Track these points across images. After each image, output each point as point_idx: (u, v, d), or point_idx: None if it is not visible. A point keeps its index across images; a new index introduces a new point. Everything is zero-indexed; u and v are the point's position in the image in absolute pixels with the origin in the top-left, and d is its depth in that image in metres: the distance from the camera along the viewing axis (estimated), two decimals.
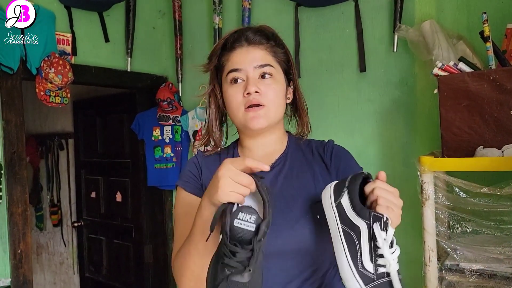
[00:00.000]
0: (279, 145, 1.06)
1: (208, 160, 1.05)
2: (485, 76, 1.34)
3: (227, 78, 0.99)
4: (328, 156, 1.03)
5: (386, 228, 0.74)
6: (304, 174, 1.01)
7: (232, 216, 0.74)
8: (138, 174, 2.85)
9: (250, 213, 0.75)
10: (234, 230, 0.74)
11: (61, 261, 3.92)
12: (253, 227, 0.74)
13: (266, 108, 0.96)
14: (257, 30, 1.00)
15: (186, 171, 1.04)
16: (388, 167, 1.94)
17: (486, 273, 1.31)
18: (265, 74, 0.97)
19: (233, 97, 0.98)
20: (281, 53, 1.01)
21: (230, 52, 0.99)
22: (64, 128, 3.81)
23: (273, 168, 1.01)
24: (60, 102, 2.13)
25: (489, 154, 1.30)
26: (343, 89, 2.06)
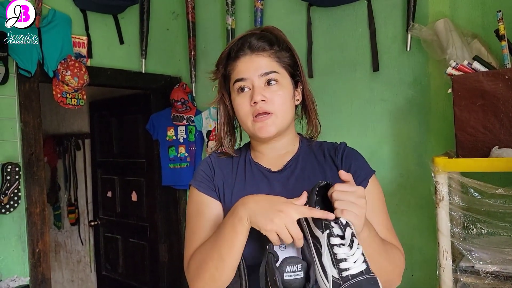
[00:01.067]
0: (290, 147, 1.06)
1: (221, 161, 1.07)
2: (500, 76, 1.32)
3: (234, 87, 1.00)
4: (339, 158, 1.03)
5: (344, 231, 0.76)
6: (315, 176, 1.01)
7: (281, 271, 0.77)
8: (153, 173, 2.88)
9: (296, 262, 0.78)
10: (286, 283, 0.77)
11: (78, 259, 3.99)
12: (302, 274, 0.78)
13: (273, 116, 0.97)
14: (260, 36, 0.99)
15: (200, 171, 1.05)
16: (401, 167, 1.93)
17: (502, 275, 1.30)
18: (271, 81, 0.97)
19: (240, 106, 0.99)
20: (286, 57, 1.01)
21: (234, 62, 1.00)
22: (80, 128, 3.88)
23: (284, 170, 1.03)
24: (76, 104, 2.17)
25: (504, 155, 1.28)
26: (356, 88, 2.06)
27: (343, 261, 0.75)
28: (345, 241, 0.76)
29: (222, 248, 0.86)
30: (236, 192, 1.01)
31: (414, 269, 1.89)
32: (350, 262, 0.75)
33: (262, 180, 1.02)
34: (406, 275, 1.91)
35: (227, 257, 0.85)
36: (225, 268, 0.87)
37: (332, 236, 0.76)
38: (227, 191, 1.01)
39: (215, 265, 0.87)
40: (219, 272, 0.87)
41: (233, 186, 1.02)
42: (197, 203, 1.01)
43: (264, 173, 1.03)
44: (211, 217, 0.99)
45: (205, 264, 0.88)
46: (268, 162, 1.04)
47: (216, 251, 0.87)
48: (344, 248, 0.76)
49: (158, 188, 2.84)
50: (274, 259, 0.79)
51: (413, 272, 1.90)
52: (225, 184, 1.02)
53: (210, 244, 0.89)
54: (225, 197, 1.01)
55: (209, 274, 0.88)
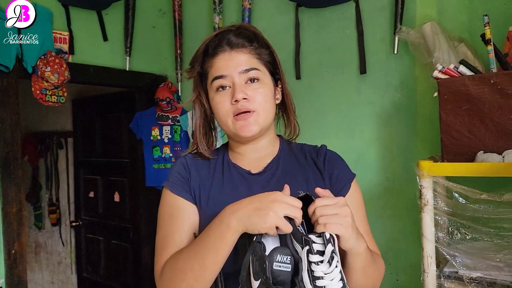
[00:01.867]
0: (270, 148, 1.03)
1: (197, 162, 1.01)
2: (486, 80, 1.31)
3: (212, 85, 0.96)
4: (321, 161, 1.01)
5: (325, 247, 0.74)
6: (297, 178, 0.99)
7: (271, 260, 0.74)
8: (136, 174, 2.83)
9: (286, 254, 0.75)
10: (274, 274, 0.73)
11: (59, 260, 3.91)
12: (289, 268, 0.75)
13: (255, 114, 0.94)
14: (239, 33, 0.96)
15: (174, 172, 0.99)
16: (388, 170, 1.91)
17: (486, 281, 1.28)
18: (252, 79, 0.94)
19: (220, 105, 0.95)
20: (265, 54, 0.98)
21: (212, 58, 0.96)
22: (63, 127, 3.80)
23: (265, 172, 0.99)
24: (56, 101, 2.11)
25: (489, 160, 1.27)
26: (343, 90, 2.04)
27: (320, 279, 0.73)
28: (324, 257, 0.73)
29: (205, 258, 0.80)
30: (213, 195, 0.96)
31: (399, 273, 1.88)
32: (327, 280, 0.73)
33: (241, 183, 0.98)
34: (391, 279, 1.89)
35: (210, 268, 0.81)
36: (206, 279, 0.82)
37: (311, 253, 0.74)
38: (203, 194, 0.96)
39: (195, 276, 0.81)
40: (199, 283, 0.82)
41: (210, 188, 0.97)
42: (171, 206, 0.95)
43: (243, 175, 0.99)
44: (186, 221, 0.93)
45: (183, 274, 0.82)
46: (247, 164, 1.01)
47: (197, 261, 0.81)
48: (322, 266, 0.73)
49: (142, 189, 2.79)
50: (263, 248, 0.76)
51: (398, 277, 1.88)
52: (201, 186, 0.97)
53: (190, 253, 0.84)
54: (201, 201, 0.96)
55: (187, 285, 0.82)
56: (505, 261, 1.25)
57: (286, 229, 0.76)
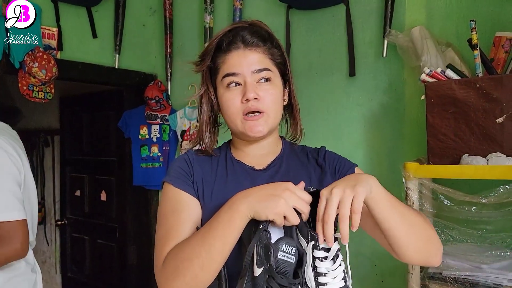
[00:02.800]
0: (274, 147, 1.04)
1: (199, 158, 1.01)
2: (472, 84, 1.33)
3: (223, 81, 0.95)
4: (322, 158, 1.03)
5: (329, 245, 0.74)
6: (300, 175, 0.99)
7: (276, 248, 0.73)
8: (123, 173, 2.81)
9: (292, 245, 0.74)
10: (278, 262, 0.73)
11: (43, 260, 3.86)
12: (293, 259, 0.74)
13: (265, 115, 0.94)
14: (254, 31, 0.95)
15: (176, 167, 0.98)
16: (375, 172, 1.93)
17: (468, 281, 1.30)
18: (264, 79, 0.94)
19: (230, 102, 0.94)
20: (278, 55, 0.98)
21: (225, 54, 0.95)
22: (50, 124, 3.76)
23: (269, 168, 1.00)
24: (43, 98, 2.09)
25: (474, 162, 1.29)
26: (332, 93, 2.05)
27: (322, 275, 0.73)
28: (329, 254, 0.73)
29: (213, 245, 0.79)
30: (217, 190, 0.96)
31: (384, 275, 1.89)
32: (329, 277, 0.73)
33: (246, 178, 0.98)
34: (377, 280, 1.91)
35: (216, 256, 0.79)
36: (211, 267, 0.80)
37: (316, 249, 0.74)
38: (206, 189, 0.96)
39: (201, 263, 0.79)
40: (204, 272, 0.80)
41: (213, 184, 0.96)
42: (173, 200, 0.94)
43: (247, 171, 0.99)
44: (189, 215, 0.92)
45: (188, 262, 0.80)
46: (251, 160, 1.01)
47: (204, 248, 0.80)
48: (326, 263, 0.73)
49: (129, 188, 2.77)
50: (269, 236, 0.76)
51: (383, 278, 1.90)
52: (204, 181, 0.96)
53: (197, 241, 0.82)
54: (204, 195, 0.95)
55: (192, 273, 0.80)
56: (487, 262, 1.27)
57: (293, 219, 0.76)
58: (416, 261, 0.89)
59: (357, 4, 1.96)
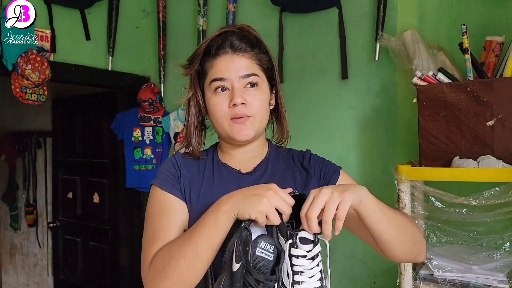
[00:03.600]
0: (260, 150, 1.05)
1: (187, 161, 1.02)
2: (462, 87, 1.35)
3: (211, 86, 0.96)
4: (307, 161, 1.04)
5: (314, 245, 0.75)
6: (285, 179, 1.01)
7: (255, 245, 0.75)
8: (116, 175, 2.80)
9: (270, 242, 0.76)
10: (255, 259, 0.74)
11: (35, 262, 3.83)
12: (271, 257, 0.75)
13: (252, 119, 0.95)
14: (242, 36, 0.97)
15: (163, 170, 0.99)
16: (367, 174, 1.94)
17: (460, 282, 1.32)
18: (251, 84, 0.95)
19: (218, 107, 0.95)
20: (266, 60, 0.99)
21: (213, 59, 0.96)
22: (42, 126, 3.73)
23: (255, 172, 1.01)
24: (36, 100, 2.08)
25: (464, 165, 1.30)
26: (325, 95, 2.06)
27: (299, 274, 0.74)
28: (308, 254, 0.74)
29: (199, 244, 0.81)
30: (204, 193, 0.97)
31: (376, 276, 1.91)
32: (305, 276, 0.74)
33: (232, 181, 0.99)
34: (369, 282, 1.92)
35: (203, 255, 0.81)
36: (198, 267, 0.82)
37: (293, 247, 0.75)
38: (193, 193, 0.97)
39: (188, 263, 0.81)
40: (191, 272, 0.82)
41: (200, 187, 0.98)
42: (161, 203, 0.95)
43: (233, 174, 1.01)
44: (176, 217, 0.93)
45: (175, 262, 0.82)
46: (237, 164, 1.02)
47: (191, 247, 0.81)
48: (303, 261, 0.74)
49: (122, 190, 2.76)
50: (250, 234, 0.77)
51: (376, 280, 1.91)
52: (191, 184, 0.98)
53: (184, 241, 0.84)
54: (191, 199, 0.96)
55: (179, 273, 0.81)
56: (478, 263, 1.29)
57: (274, 219, 0.77)
58: (403, 260, 0.95)
59: (350, 7, 1.97)
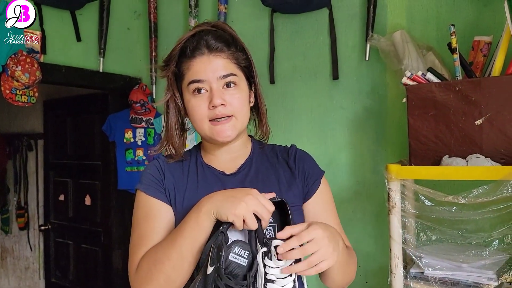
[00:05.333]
0: (243, 149, 1.05)
1: (170, 165, 1.02)
2: (451, 87, 1.36)
3: (189, 88, 0.95)
4: (292, 160, 1.04)
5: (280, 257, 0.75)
6: (269, 178, 1.01)
7: (228, 249, 0.76)
8: (108, 177, 2.79)
9: (245, 248, 0.77)
10: (228, 263, 0.75)
11: (26, 265, 3.79)
12: (245, 263, 0.77)
13: (233, 119, 0.95)
14: (217, 36, 0.95)
15: (147, 175, 0.99)
16: (358, 174, 1.95)
17: (450, 280, 1.33)
18: (229, 84, 0.95)
19: (197, 108, 0.94)
20: (242, 59, 0.99)
21: (190, 60, 0.95)
22: (33, 128, 3.71)
23: (239, 172, 1.01)
24: (27, 101, 2.07)
25: (454, 164, 1.31)
26: (316, 96, 2.07)
27: (271, 282, 0.75)
28: (282, 263, 0.75)
29: (183, 245, 0.82)
30: (188, 196, 0.97)
31: (368, 276, 1.91)
32: (278, 285, 0.75)
33: (216, 183, 0.99)
34: (361, 282, 1.93)
35: (187, 255, 0.82)
36: (183, 268, 0.83)
37: (267, 256, 0.76)
38: (178, 196, 0.97)
39: (173, 265, 0.82)
40: (176, 273, 0.83)
41: (184, 190, 0.98)
42: (146, 208, 0.96)
43: (218, 176, 1.01)
44: (162, 221, 0.94)
45: (161, 264, 0.83)
46: (221, 164, 1.02)
47: (175, 249, 0.83)
48: (276, 270, 0.75)
49: (114, 192, 2.75)
50: (225, 239, 0.79)
51: (367, 279, 1.92)
52: (176, 188, 0.98)
53: (168, 243, 0.85)
54: (176, 202, 0.96)
55: (165, 275, 0.83)
56: (467, 261, 1.30)
57: (251, 224, 0.78)
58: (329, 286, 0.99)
59: (340, 8, 1.98)
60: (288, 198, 0.92)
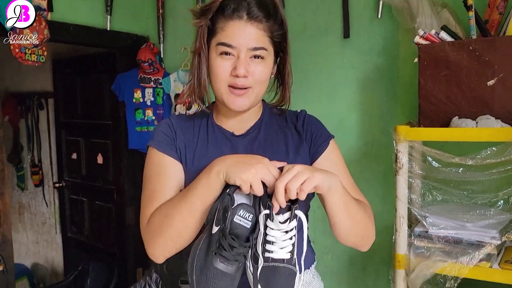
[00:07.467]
0: (254, 112, 1.06)
1: (182, 123, 1.04)
2: (465, 46, 1.33)
3: (217, 48, 0.94)
4: (300, 124, 1.05)
5: (289, 219, 0.79)
6: (278, 142, 1.03)
7: (233, 212, 0.79)
8: (119, 136, 2.82)
9: (249, 211, 0.80)
10: (233, 225, 0.79)
11: (43, 221, 3.93)
12: (249, 225, 0.80)
13: (251, 90, 0.95)
14: (261, 4, 0.92)
15: (159, 132, 1.01)
16: (367, 135, 1.95)
17: (453, 239, 1.36)
18: (257, 56, 0.94)
19: (219, 69, 0.94)
20: (278, 34, 0.96)
21: (226, 20, 0.93)
22: (44, 87, 3.72)
23: (248, 134, 1.03)
24: (36, 60, 2.06)
25: (463, 125, 1.30)
26: (326, 54, 2.04)
27: (270, 243, 0.79)
28: (283, 226, 0.78)
29: (193, 202, 0.85)
30: (198, 155, 0.99)
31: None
32: (276, 246, 0.78)
33: (225, 144, 1.01)
34: None
35: (197, 212, 0.85)
36: (192, 224, 0.86)
37: (269, 218, 0.79)
38: (189, 154, 0.99)
39: (183, 220, 0.86)
40: (186, 228, 0.87)
41: (195, 149, 1.00)
42: (158, 164, 0.98)
43: (227, 137, 1.02)
44: (173, 178, 0.96)
45: (171, 219, 0.87)
46: (231, 125, 1.04)
47: (186, 205, 0.86)
48: (277, 232, 0.78)
49: (125, 151, 2.79)
50: (231, 201, 0.81)
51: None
52: (187, 146, 1.00)
53: (179, 200, 0.88)
54: (186, 160, 0.99)
55: (175, 229, 0.87)
56: (472, 220, 1.32)
57: (257, 189, 0.80)
58: (348, 245, 1.01)
59: None
60: (296, 162, 0.93)
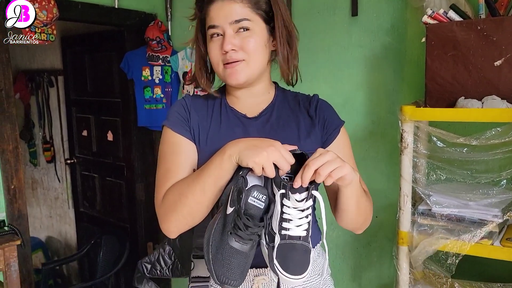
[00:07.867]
0: (266, 95, 1.08)
1: (196, 104, 1.06)
2: (472, 26, 1.32)
3: (208, 32, 0.99)
4: (313, 109, 1.07)
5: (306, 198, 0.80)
6: (290, 125, 1.04)
7: (248, 193, 0.82)
8: (128, 114, 2.86)
9: (263, 193, 0.83)
10: (247, 206, 0.82)
11: (56, 196, 4.03)
12: (262, 206, 0.83)
13: (244, 63, 0.97)
14: None
15: (174, 112, 1.04)
16: (374, 114, 1.96)
17: (456, 217, 1.39)
18: (242, 29, 0.96)
19: (212, 53, 0.99)
20: (262, 3, 0.97)
21: (208, 6, 0.98)
22: (53, 65, 3.75)
23: (260, 117, 1.05)
24: (46, 39, 2.08)
25: (469, 105, 1.32)
26: (334, 33, 2.03)
27: (287, 221, 0.81)
28: (299, 205, 0.80)
29: (206, 182, 0.88)
30: (211, 135, 1.01)
31: (378, 211, 1.98)
32: (292, 224, 0.81)
33: (238, 125, 1.03)
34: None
35: (209, 192, 0.89)
36: (204, 203, 0.90)
37: (285, 197, 0.81)
38: (202, 134, 1.02)
39: (196, 199, 0.89)
40: (198, 207, 0.90)
41: (208, 129, 1.02)
42: (172, 144, 1.01)
43: (239, 119, 1.04)
44: (187, 157, 1.00)
45: (185, 198, 0.90)
46: (243, 108, 1.06)
47: (199, 185, 0.89)
48: (293, 210, 0.81)
49: (134, 129, 2.84)
50: (245, 183, 0.84)
51: (378, 214, 2.00)
52: (200, 126, 1.02)
53: (193, 179, 0.91)
54: (200, 140, 1.01)
55: (188, 208, 0.90)
56: (475, 199, 1.35)
57: (270, 172, 0.83)
58: (347, 228, 1.05)
59: None
60: (306, 145, 0.96)
